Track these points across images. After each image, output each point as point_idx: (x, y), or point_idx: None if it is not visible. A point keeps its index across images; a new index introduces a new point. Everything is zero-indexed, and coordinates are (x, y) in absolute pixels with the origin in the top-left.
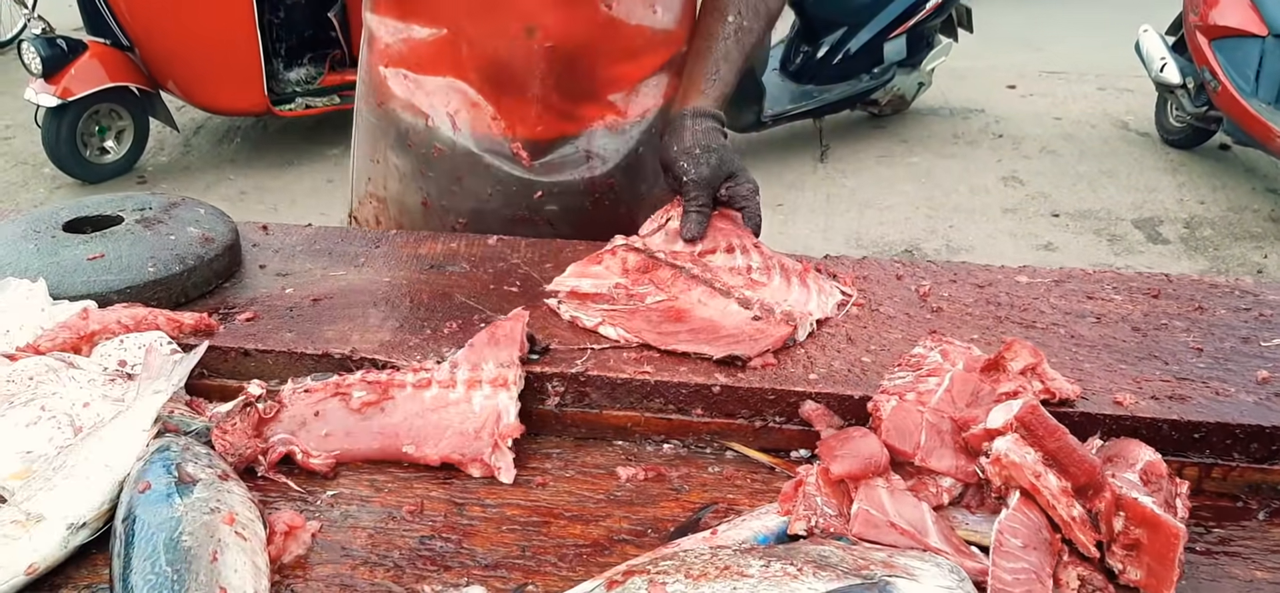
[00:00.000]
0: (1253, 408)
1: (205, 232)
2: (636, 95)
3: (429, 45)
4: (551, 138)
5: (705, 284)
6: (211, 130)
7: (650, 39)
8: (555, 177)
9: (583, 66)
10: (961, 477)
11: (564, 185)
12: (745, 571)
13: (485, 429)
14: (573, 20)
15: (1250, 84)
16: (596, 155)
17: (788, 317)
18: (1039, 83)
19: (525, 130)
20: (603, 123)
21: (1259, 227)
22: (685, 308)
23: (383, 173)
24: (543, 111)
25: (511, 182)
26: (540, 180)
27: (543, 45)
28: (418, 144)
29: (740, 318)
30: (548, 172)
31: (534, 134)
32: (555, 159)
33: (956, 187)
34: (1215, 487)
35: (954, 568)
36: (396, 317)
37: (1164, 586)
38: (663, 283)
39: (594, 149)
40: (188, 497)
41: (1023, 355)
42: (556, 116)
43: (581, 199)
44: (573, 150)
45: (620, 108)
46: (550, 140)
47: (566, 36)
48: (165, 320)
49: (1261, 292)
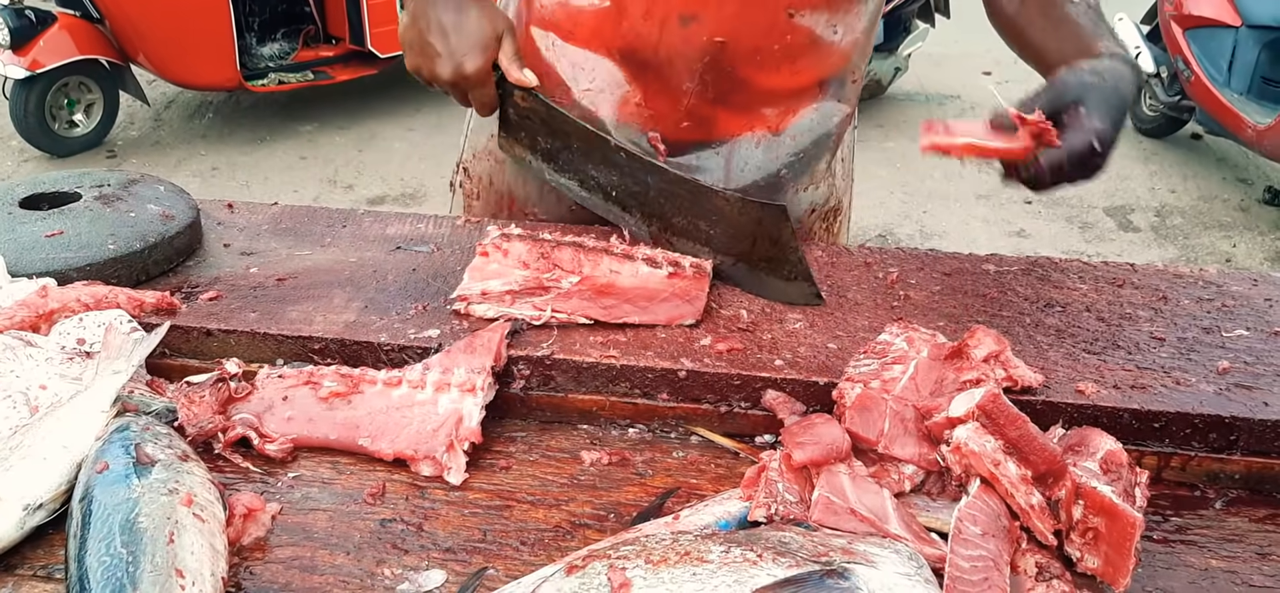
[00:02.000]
0: (1212, 398)
1: (165, 209)
2: (793, 112)
3: (589, 14)
4: (693, 140)
5: (605, 254)
6: (183, 105)
7: (819, 52)
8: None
9: (740, 67)
10: (924, 464)
11: None
12: (705, 556)
13: (444, 430)
14: (738, 12)
15: (1223, 74)
16: (736, 167)
17: (697, 267)
18: (1015, 69)
19: (668, 127)
20: (750, 135)
21: (1228, 216)
22: (606, 281)
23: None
24: (690, 109)
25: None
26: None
27: (702, 39)
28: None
29: (658, 278)
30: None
31: (677, 132)
32: (692, 160)
33: (931, 172)
34: (1174, 476)
35: (913, 555)
36: (361, 298)
37: (1120, 574)
38: (567, 263)
39: (734, 161)
40: (146, 478)
41: (986, 343)
42: (703, 119)
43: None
44: (713, 156)
45: (772, 122)
46: (691, 142)
47: (730, 31)
48: (126, 299)
49: (1224, 282)
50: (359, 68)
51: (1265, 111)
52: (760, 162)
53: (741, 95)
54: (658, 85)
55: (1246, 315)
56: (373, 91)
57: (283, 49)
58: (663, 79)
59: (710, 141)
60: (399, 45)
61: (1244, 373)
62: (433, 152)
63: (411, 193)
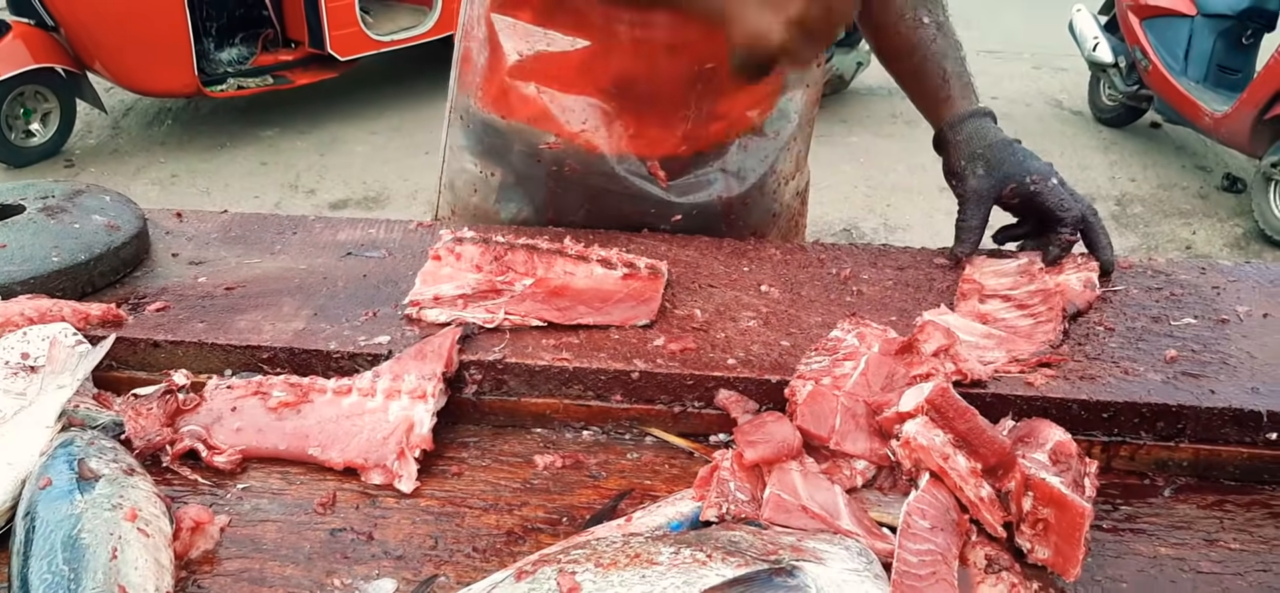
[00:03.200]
0: (1160, 387)
1: (111, 219)
2: (774, 109)
3: (571, 58)
4: (691, 155)
5: (559, 256)
6: (141, 112)
7: None
8: (691, 198)
9: (724, 84)
10: (875, 459)
11: (702, 206)
12: (655, 558)
13: (394, 437)
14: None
15: (1180, 63)
16: (732, 173)
17: (651, 267)
18: (975, 62)
19: (665, 149)
20: (740, 140)
21: (1188, 203)
22: (560, 283)
23: (496, 189)
24: (687, 132)
25: (649, 203)
26: (678, 202)
27: (692, 67)
28: (549, 161)
29: (612, 279)
30: (685, 193)
31: (676, 153)
32: (693, 179)
33: (895, 166)
34: (1123, 465)
35: (863, 550)
36: (311, 305)
37: (1070, 564)
38: (518, 266)
39: (731, 168)
40: (89, 493)
41: (936, 338)
42: (697, 137)
43: (717, 220)
44: (711, 170)
45: (757, 124)
46: (689, 157)
47: (717, 56)
48: (71, 312)
49: (1173, 271)
50: (319, 71)
51: (1222, 99)
52: (754, 164)
53: (727, 105)
54: (651, 115)
55: (1194, 304)
56: (334, 95)
57: (241, 54)
58: (656, 108)
59: (706, 154)
60: (358, 48)
61: (1191, 361)
62: (395, 154)
63: (374, 196)
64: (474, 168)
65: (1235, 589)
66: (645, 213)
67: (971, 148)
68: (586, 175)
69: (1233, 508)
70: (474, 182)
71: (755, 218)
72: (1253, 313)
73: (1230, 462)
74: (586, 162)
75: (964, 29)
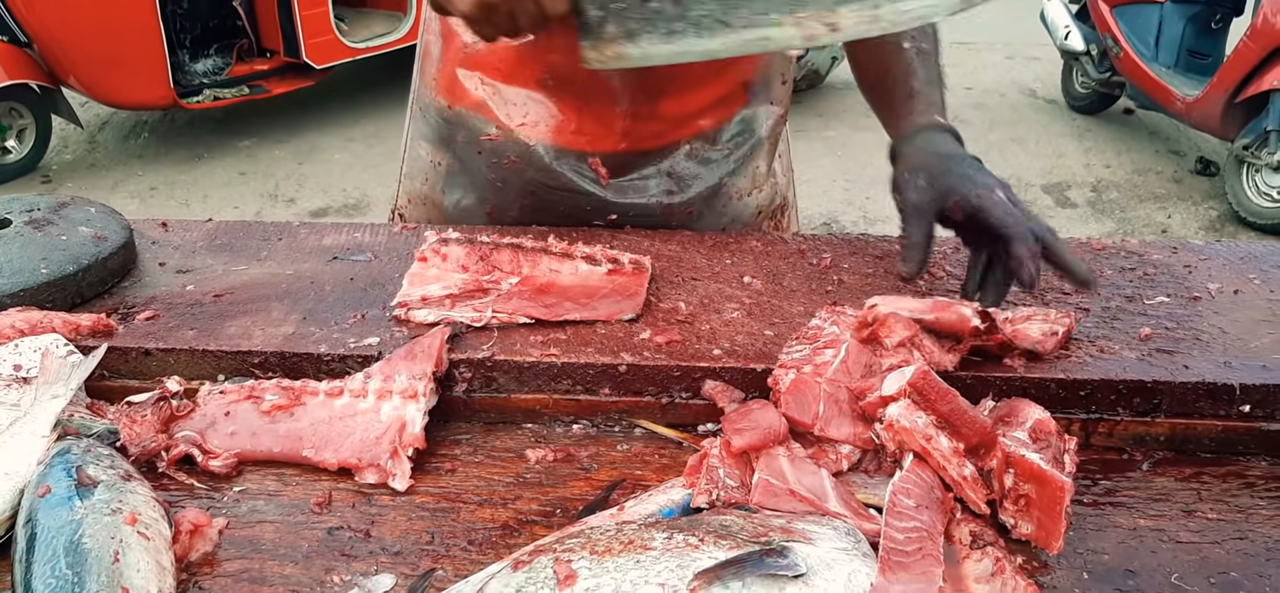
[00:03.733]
0: (1135, 364)
1: (97, 230)
2: (721, 115)
3: (514, 51)
4: (633, 153)
5: (544, 254)
6: (117, 126)
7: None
8: (631, 199)
9: (667, 81)
10: (859, 443)
11: (641, 208)
12: (649, 544)
13: (387, 437)
14: None
15: (1150, 49)
16: (676, 178)
17: (636, 262)
18: (949, 53)
19: (606, 146)
20: (686, 145)
21: (1162, 187)
22: (546, 280)
23: (442, 176)
24: (626, 130)
25: (586, 200)
26: (615, 201)
27: None
28: (489, 152)
29: (597, 275)
30: (624, 193)
31: (616, 150)
32: (635, 180)
33: (872, 159)
34: (1102, 441)
35: (851, 530)
36: (300, 310)
37: (1053, 537)
38: (506, 264)
39: (676, 172)
40: (88, 499)
41: (898, 330)
42: (639, 135)
43: (658, 224)
44: (654, 172)
45: (705, 129)
46: (632, 157)
47: None
48: (61, 323)
49: (1146, 252)
50: (295, 80)
51: (1193, 84)
52: (700, 172)
53: (671, 105)
54: (590, 109)
55: (1167, 283)
56: (310, 103)
57: (216, 65)
58: (594, 102)
59: (649, 155)
60: (333, 56)
61: (1165, 338)
62: (374, 161)
63: (354, 203)
64: (426, 155)
65: (1213, 557)
66: (582, 210)
67: (914, 159)
68: (525, 168)
69: (1209, 479)
70: (425, 169)
71: (702, 228)
72: (1223, 290)
73: (1205, 435)
74: (525, 154)
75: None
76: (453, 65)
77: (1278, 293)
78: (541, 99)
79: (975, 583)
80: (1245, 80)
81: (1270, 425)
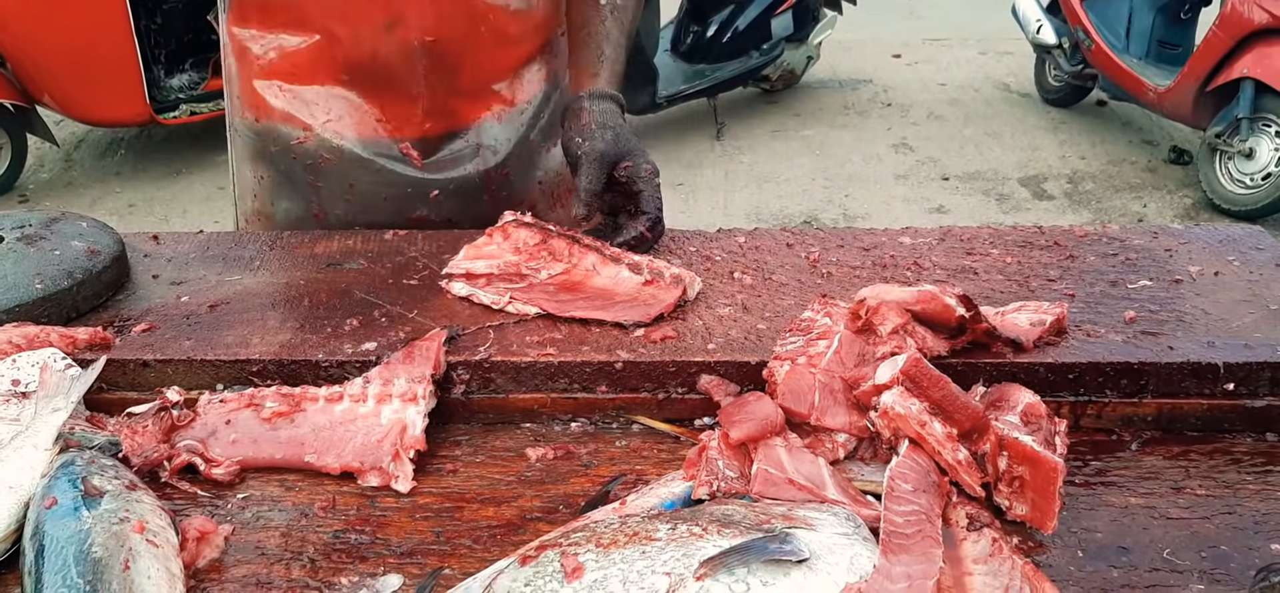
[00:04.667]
0: (1121, 347)
1: (90, 245)
2: (521, 81)
3: (304, 53)
4: (440, 134)
5: (597, 251)
6: (94, 143)
7: (523, 24)
8: (448, 173)
9: (458, 58)
10: (855, 431)
11: (459, 181)
12: (653, 535)
13: (388, 440)
14: (437, 11)
15: (1121, 40)
16: (487, 147)
17: (676, 279)
18: (923, 50)
19: (413, 130)
20: (490, 113)
21: (1137, 177)
22: (579, 279)
23: (268, 189)
24: (428, 109)
25: (405, 183)
26: (434, 178)
27: (413, 40)
28: (303, 156)
29: (633, 283)
30: (440, 169)
31: (422, 132)
32: (447, 155)
33: (850, 157)
34: (1091, 423)
35: (850, 516)
36: (296, 317)
37: (1047, 517)
38: (558, 254)
39: (485, 141)
40: (95, 509)
41: (891, 318)
42: (442, 112)
43: (478, 193)
44: (464, 145)
45: (506, 96)
46: (439, 136)
47: (435, 29)
48: (58, 337)
49: (1127, 237)
50: None
51: (1164, 74)
52: (509, 135)
53: (468, 79)
54: (390, 95)
55: (1149, 267)
56: None
57: (192, 79)
58: (393, 88)
59: (456, 131)
60: None
61: (1149, 321)
62: None
63: None
64: (249, 173)
65: (1203, 531)
66: (403, 194)
67: (603, 120)
68: (340, 165)
69: (1197, 457)
70: (252, 187)
71: (518, 187)
72: (1204, 272)
73: (1192, 413)
74: (337, 151)
75: (910, 19)
76: (250, 79)
77: (1257, 274)
78: (342, 94)
79: (974, 563)
80: (1215, 69)
81: (1254, 402)
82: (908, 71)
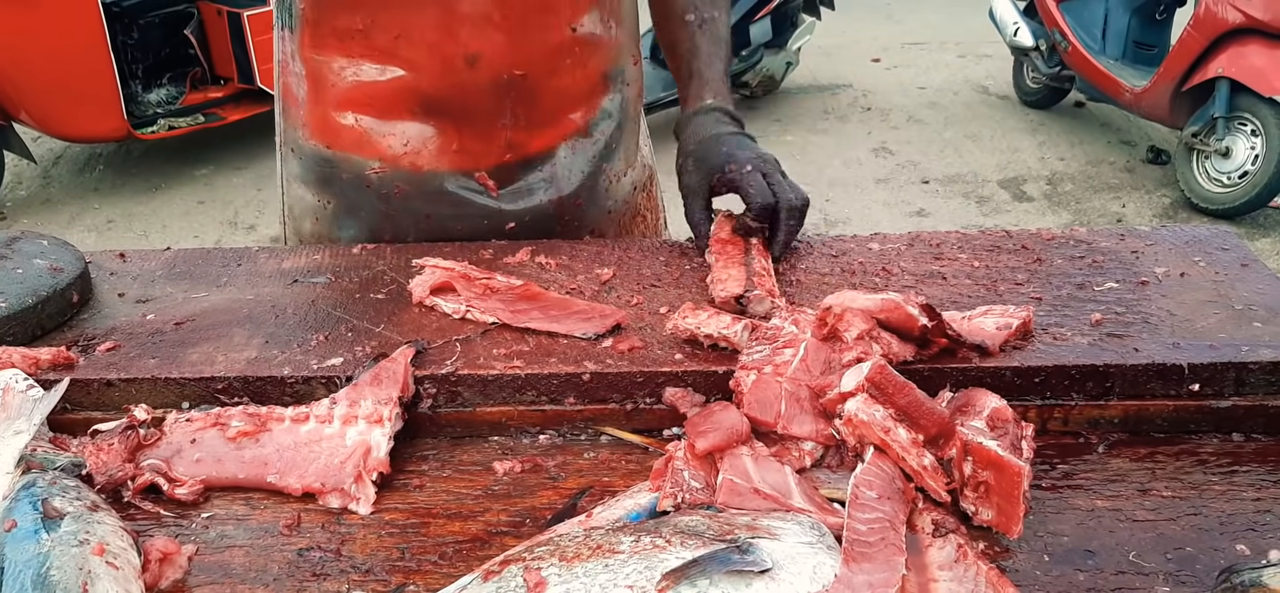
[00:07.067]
0: (1087, 349)
1: (52, 262)
2: (594, 109)
3: (385, 86)
4: (516, 162)
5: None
6: (71, 159)
7: (599, 50)
8: (524, 203)
9: (538, 88)
10: (821, 439)
11: (535, 211)
12: (616, 548)
13: (351, 461)
14: (519, 44)
15: (1098, 41)
16: (562, 176)
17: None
18: (902, 54)
19: (491, 160)
20: (565, 143)
21: (1116, 178)
22: (537, 290)
23: (333, 215)
24: (507, 141)
25: (481, 215)
26: (510, 209)
27: (497, 75)
28: (377, 186)
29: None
30: (516, 199)
31: (501, 162)
32: (523, 186)
33: (830, 161)
34: (1058, 426)
35: (815, 524)
36: (262, 334)
37: (1012, 522)
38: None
39: (559, 171)
40: (55, 531)
41: (856, 324)
42: (521, 144)
43: (551, 222)
44: (540, 175)
45: (579, 124)
46: (515, 164)
47: (516, 62)
48: (20, 358)
49: (1094, 240)
50: (250, 106)
51: (1140, 74)
52: (582, 165)
53: (547, 110)
54: (470, 128)
55: (1115, 269)
56: (267, 129)
57: (170, 94)
58: (473, 122)
59: (531, 161)
60: None
61: (1115, 323)
62: None
63: None
64: (310, 197)
65: (1169, 533)
66: (478, 224)
67: (688, 145)
68: (415, 195)
69: (1163, 459)
70: (312, 210)
71: (590, 216)
72: (1170, 273)
73: (1158, 415)
74: (413, 182)
75: (889, 24)
76: (326, 108)
77: (1222, 274)
78: (421, 126)
79: (939, 570)
80: (1191, 69)
81: (1219, 403)
82: (887, 76)
